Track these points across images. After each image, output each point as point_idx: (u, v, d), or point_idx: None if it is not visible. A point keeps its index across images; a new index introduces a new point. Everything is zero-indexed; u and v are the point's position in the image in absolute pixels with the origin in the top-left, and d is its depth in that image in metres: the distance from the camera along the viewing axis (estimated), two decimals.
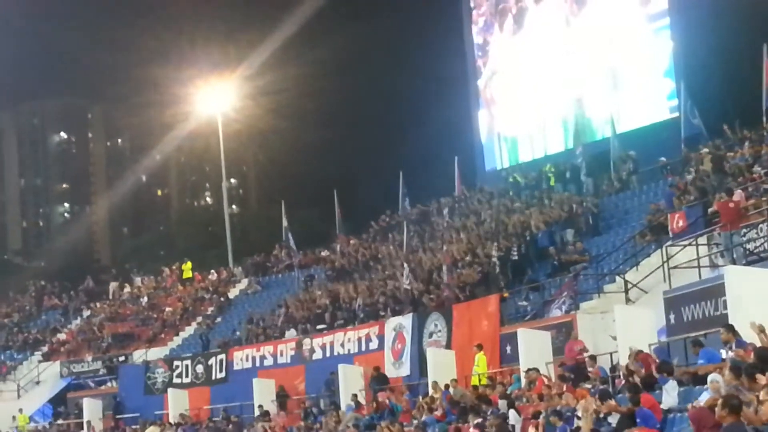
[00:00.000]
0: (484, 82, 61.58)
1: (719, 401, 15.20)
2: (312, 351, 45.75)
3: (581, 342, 31.84)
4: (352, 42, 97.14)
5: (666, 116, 50.28)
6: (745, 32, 44.94)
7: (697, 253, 31.51)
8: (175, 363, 51.81)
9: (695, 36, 49.12)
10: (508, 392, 30.70)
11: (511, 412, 28.25)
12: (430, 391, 35.50)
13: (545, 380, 30.23)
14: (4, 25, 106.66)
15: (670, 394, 22.69)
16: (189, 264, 66.85)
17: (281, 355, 47.11)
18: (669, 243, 33.56)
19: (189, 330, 58.89)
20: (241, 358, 48.74)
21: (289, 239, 59.06)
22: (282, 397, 44.56)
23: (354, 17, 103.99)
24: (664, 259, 32.83)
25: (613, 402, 23.25)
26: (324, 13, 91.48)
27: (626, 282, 33.78)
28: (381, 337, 42.38)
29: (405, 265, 45.91)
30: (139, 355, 57.07)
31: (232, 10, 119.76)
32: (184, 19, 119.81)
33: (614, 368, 28.85)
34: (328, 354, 44.90)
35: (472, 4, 63.30)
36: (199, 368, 50.18)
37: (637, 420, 21.84)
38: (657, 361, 25.30)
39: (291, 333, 48.68)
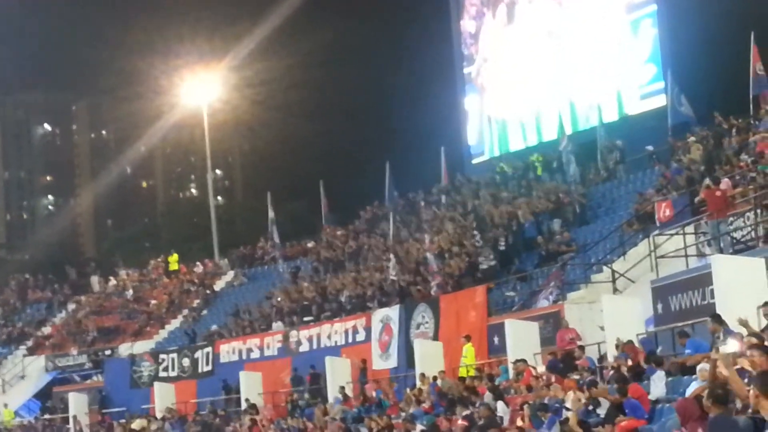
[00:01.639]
0: (476, 69, 61.36)
1: (705, 392, 15.05)
2: (299, 343, 45.59)
3: (573, 330, 31.69)
4: (338, 33, 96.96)
5: (648, 102, 50.19)
6: (733, 20, 44.76)
7: (684, 242, 31.42)
8: (161, 356, 51.58)
9: (682, 23, 48.93)
10: (496, 383, 30.56)
11: (499, 404, 28.12)
12: (418, 383, 35.36)
13: (533, 371, 30.11)
14: None
15: (657, 385, 22.60)
16: (175, 256, 66.63)
17: (268, 347, 46.95)
18: (656, 232, 33.44)
19: (175, 323, 58.65)
20: (228, 350, 48.53)
21: (274, 231, 58.80)
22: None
23: (340, 8, 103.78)
24: (652, 248, 32.72)
25: (602, 388, 23.17)
26: (310, 4, 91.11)
27: (614, 272, 33.69)
28: (368, 329, 42.23)
29: (392, 256, 45.75)
30: (124, 349, 56.82)
31: (218, 1, 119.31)
32: (170, 9, 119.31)
33: (602, 358, 28.72)
34: (314, 346, 44.78)
35: None
36: (186, 361, 49.97)
37: (626, 410, 21.76)
38: (643, 351, 25.21)
39: (278, 325, 48.46)
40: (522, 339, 33.27)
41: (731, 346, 15.99)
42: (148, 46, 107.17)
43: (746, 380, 16.56)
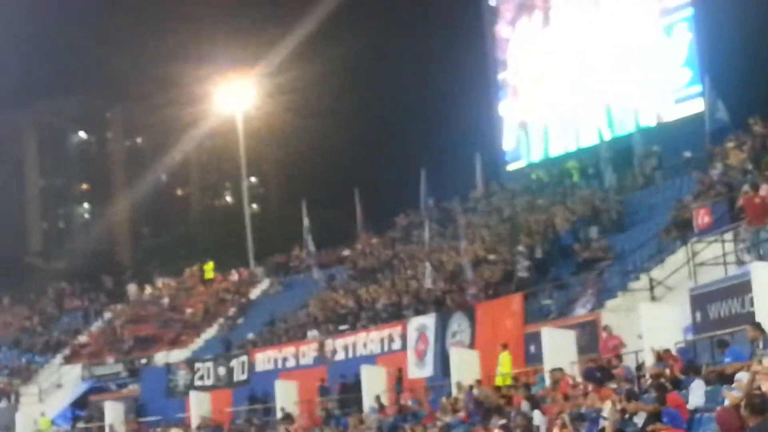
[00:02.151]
0: (512, 74, 61.20)
1: (742, 402, 14.85)
2: (334, 352, 45.46)
3: (617, 338, 31.34)
4: (373, 39, 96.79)
5: (683, 107, 49.92)
6: None
7: (723, 250, 31.10)
8: (197, 365, 51.59)
9: (719, 28, 48.68)
10: (533, 392, 30.33)
11: (536, 413, 27.90)
12: (454, 392, 35.16)
13: (570, 380, 29.86)
14: (23, 24, 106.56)
15: (696, 394, 22.34)
16: (211, 264, 66.68)
17: (303, 356, 46.88)
18: (694, 239, 33.13)
19: (210, 331, 58.65)
20: (263, 359, 48.48)
21: (308, 239, 58.66)
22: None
23: (374, 14, 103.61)
24: (690, 255, 32.42)
25: (639, 403, 22.91)
26: (344, 9, 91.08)
27: (651, 279, 33.38)
28: (404, 338, 42.06)
29: (427, 264, 45.56)
30: (160, 358, 56.87)
31: (251, 7, 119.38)
32: (203, 16, 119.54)
33: (640, 367, 28.45)
34: (350, 355, 44.64)
35: (493, 2, 63.11)
36: (221, 370, 49.94)
37: (664, 419, 21.51)
38: (680, 360, 24.96)
39: (313, 334, 48.37)
40: (559, 347, 33.05)
41: None
42: (182, 53, 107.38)
43: None
